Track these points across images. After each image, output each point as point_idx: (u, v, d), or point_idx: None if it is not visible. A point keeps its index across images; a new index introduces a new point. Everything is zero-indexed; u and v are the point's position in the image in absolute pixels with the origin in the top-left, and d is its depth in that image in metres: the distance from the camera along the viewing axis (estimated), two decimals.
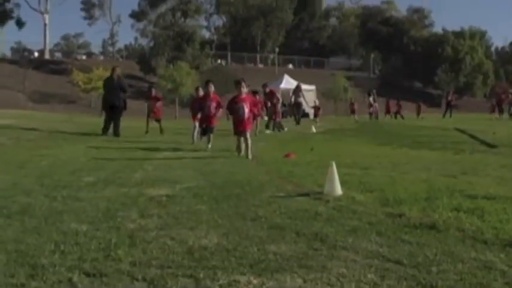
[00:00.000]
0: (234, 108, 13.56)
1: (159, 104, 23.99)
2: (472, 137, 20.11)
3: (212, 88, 15.98)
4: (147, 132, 22.25)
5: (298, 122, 33.14)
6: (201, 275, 4.01)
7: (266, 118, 26.33)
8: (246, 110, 13.44)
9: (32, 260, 4.32)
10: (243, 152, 13.29)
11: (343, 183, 7.43)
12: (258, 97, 21.02)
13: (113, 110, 21.18)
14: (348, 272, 4.11)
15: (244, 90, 13.77)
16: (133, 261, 4.32)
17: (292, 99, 34.47)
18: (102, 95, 23.08)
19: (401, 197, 6.92)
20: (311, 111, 42.14)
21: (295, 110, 35.07)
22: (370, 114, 45.65)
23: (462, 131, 23.06)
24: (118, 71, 22.54)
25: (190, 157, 12.90)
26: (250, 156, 12.75)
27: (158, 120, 23.55)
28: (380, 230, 5.31)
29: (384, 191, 7.41)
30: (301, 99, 34.88)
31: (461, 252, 4.61)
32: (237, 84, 13.84)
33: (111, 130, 21.16)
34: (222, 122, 16.34)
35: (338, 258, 4.44)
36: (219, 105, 15.63)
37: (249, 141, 13.11)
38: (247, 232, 5.23)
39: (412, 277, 4.02)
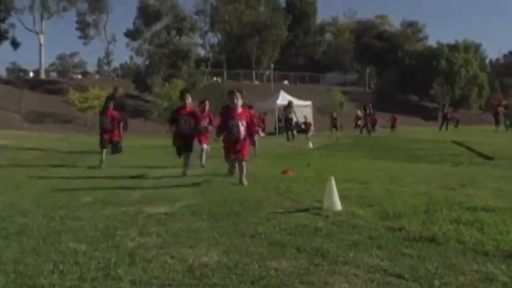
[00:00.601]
0: (226, 125, 11.02)
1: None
2: (469, 149, 20.14)
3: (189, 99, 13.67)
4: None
5: (289, 138, 33.12)
6: None
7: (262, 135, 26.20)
8: (242, 129, 10.84)
9: (31, 280, 4.30)
10: (234, 180, 10.94)
11: (342, 198, 7.39)
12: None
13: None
14: (350, 287, 4.10)
15: (239, 102, 11.08)
16: (133, 280, 4.29)
17: (284, 116, 34.70)
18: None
19: (401, 210, 6.89)
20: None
21: (287, 126, 35.19)
22: (359, 127, 45.56)
23: (459, 144, 23.08)
24: (121, 91, 22.57)
25: (189, 175, 12.87)
26: (245, 183, 10.50)
27: None
28: (380, 244, 5.29)
29: (383, 205, 7.38)
30: (292, 115, 35.03)
31: (462, 265, 4.59)
32: (231, 94, 11.17)
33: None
34: None
35: (339, 273, 4.42)
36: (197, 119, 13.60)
37: (245, 168, 10.82)
38: (247, 249, 5.21)
39: None
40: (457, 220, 6.24)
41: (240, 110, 11.08)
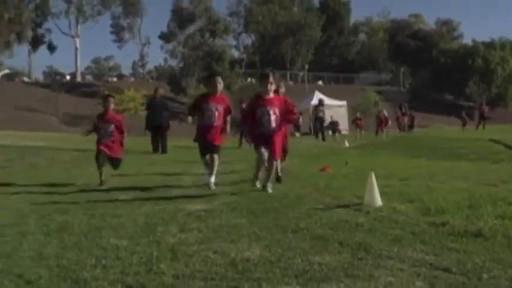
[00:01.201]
0: (254, 114, 9.15)
1: None
2: (508, 146, 19.86)
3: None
4: None
5: (323, 138, 32.87)
6: (246, 287, 3.95)
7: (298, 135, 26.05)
8: (273, 118, 8.98)
9: (74, 274, 4.29)
10: (258, 185, 9.40)
11: (382, 194, 7.32)
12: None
13: (158, 129, 21.62)
14: (395, 281, 4.02)
15: (273, 87, 9.15)
16: (176, 274, 4.26)
17: (314, 115, 34.23)
18: (145, 116, 23.43)
19: (443, 206, 6.79)
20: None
21: (318, 125, 34.83)
22: (400, 128, 45.33)
23: (497, 142, 22.78)
24: (161, 91, 23.18)
25: (226, 174, 12.84)
26: (270, 190, 8.89)
27: None
28: (424, 239, 5.21)
29: (424, 201, 7.29)
30: (323, 115, 34.70)
31: (510, 258, 4.49)
32: (263, 78, 9.26)
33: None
34: None
35: (384, 267, 4.34)
36: None
37: (274, 169, 9.39)
38: (289, 244, 5.15)
39: (462, 284, 3.93)
40: (502, 215, 6.12)
41: (271, 96, 9.08)
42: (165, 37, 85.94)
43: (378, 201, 7.09)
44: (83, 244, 5.33)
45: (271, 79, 9.04)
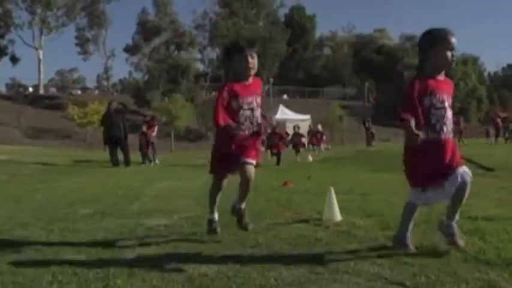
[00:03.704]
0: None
1: None
2: (469, 161, 20.07)
3: None
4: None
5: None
6: None
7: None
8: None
9: None
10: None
11: (342, 209, 7.39)
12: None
13: (116, 142, 21.70)
14: None
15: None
16: None
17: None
18: (102, 131, 23.52)
19: None
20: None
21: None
22: (368, 142, 45.76)
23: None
24: (114, 104, 23.15)
25: (188, 188, 12.86)
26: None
27: None
28: (381, 254, 5.26)
29: (383, 216, 7.38)
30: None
31: (464, 273, 4.56)
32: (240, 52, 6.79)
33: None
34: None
35: (340, 281, 4.38)
36: None
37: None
38: (247, 259, 5.17)
39: None
40: None
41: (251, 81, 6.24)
42: (130, 50, 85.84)
43: (338, 216, 7.15)
44: (40, 260, 5.29)
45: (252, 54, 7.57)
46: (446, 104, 5.42)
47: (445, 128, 5.39)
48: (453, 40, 5.34)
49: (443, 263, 4.88)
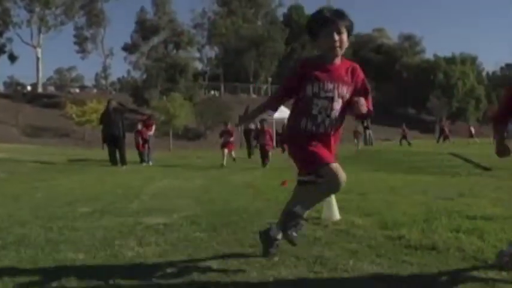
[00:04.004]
0: None
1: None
2: (467, 160, 20.14)
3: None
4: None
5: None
6: None
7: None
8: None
9: None
10: None
11: (341, 208, 7.40)
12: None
13: (115, 140, 21.70)
14: None
15: None
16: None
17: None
18: (101, 129, 23.53)
19: (400, 219, 6.89)
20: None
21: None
22: (365, 142, 45.70)
23: (457, 156, 23.07)
24: (113, 103, 23.10)
25: (187, 186, 12.88)
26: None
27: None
28: (380, 252, 5.27)
29: (382, 215, 7.40)
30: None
31: (462, 272, 4.58)
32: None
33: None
34: None
35: (339, 280, 4.40)
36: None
37: None
38: (246, 258, 5.18)
39: None
40: (456, 228, 6.23)
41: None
42: (129, 48, 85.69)
43: (336, 216, 7.16)
44: (39, 258, 5.29)
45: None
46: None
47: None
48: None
49: (442, 262, 4.89)
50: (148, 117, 29.18)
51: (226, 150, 22.99)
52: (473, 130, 52.11)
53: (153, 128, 26.69)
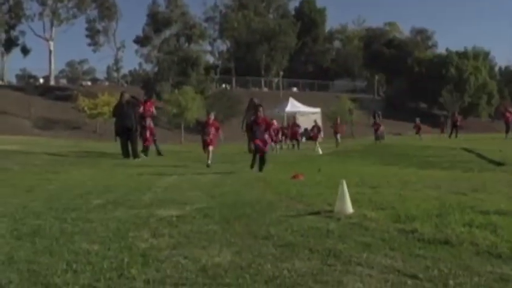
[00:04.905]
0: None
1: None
2: (480, 156, 20.04)
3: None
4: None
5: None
6: None
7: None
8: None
9: (44, 279, 4.30)
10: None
11: (353, 202, 7.39)
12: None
13: (127, 133, 21.70)
14: (364, 287, 4.09)
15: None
16: (147, 279, 4.29)
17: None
18: (114, 121, 23.50)
19: (413, 213, 6.88)
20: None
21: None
22: (376, 136, 45.44)
23: (469, 151, 22.96)
24: (126, 96, 23.05)
25: (199, 180, 12.90)
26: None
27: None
28: (393, 246, 5.28)
29: (395, 208, 7.39)
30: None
31: (476, 266, 4.58)
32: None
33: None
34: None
35: (353, 273, 4.41)
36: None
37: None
38: (260, 250, 5.20)
39: None
40: (470, 223, 6.22)
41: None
42: (140, 41, 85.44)
43: (349, 209, 7.16)
44: (54, 248, 5.32)
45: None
46: None
47: None
48: None
49: (456, 256, 4.89)
50: (147, 98, 28.35)
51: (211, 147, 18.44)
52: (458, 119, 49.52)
53: (153, 108, 25.26)
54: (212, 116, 19.62)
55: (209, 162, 17.73)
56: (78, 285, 4.16)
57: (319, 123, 43.78)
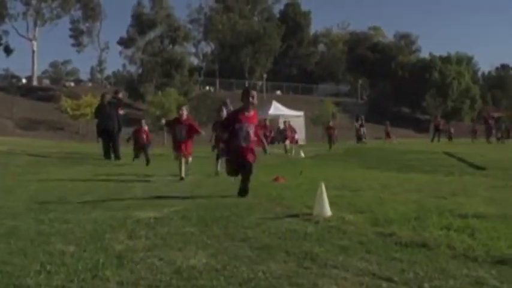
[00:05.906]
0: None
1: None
2: (461, 160, 20.14)
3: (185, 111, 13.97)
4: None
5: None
6: None
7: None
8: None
9: (17, 280, 4.25)
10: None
11: (332, 205, 7.38)
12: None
13: (109, 134, 21.60)
14: None
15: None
16: (120, 281, 4.25)
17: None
18: (96, 123, 23.35)
19: (392, 217, 6.89)
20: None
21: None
22: (359, 138, 45.64)
23: (451, 155, 23.09)
24: (107, 97, 22.99)
25: (178, 182, 12.87)
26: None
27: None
28: (370, 249, 5.28)
29: (373, 212, 7.39)
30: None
31: (452, 269, 4.58)
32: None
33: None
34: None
35: (329, 276, 4.39)
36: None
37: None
38: (236, 252, 5.17)
39: None
40: (447, 226, 6.23)
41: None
42: (125, 43, 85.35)
43: (328, 212, 7.15)
44: (29, 250, 5.28)
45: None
46: None
47: None
48: None
49: (432, 259, 4.89)
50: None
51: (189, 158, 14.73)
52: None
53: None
54: (185, 111, 14.76)
55: (183, 175, 13.53)
56: (51, 286, 4.11)
57: (303, 126, 43.80)
